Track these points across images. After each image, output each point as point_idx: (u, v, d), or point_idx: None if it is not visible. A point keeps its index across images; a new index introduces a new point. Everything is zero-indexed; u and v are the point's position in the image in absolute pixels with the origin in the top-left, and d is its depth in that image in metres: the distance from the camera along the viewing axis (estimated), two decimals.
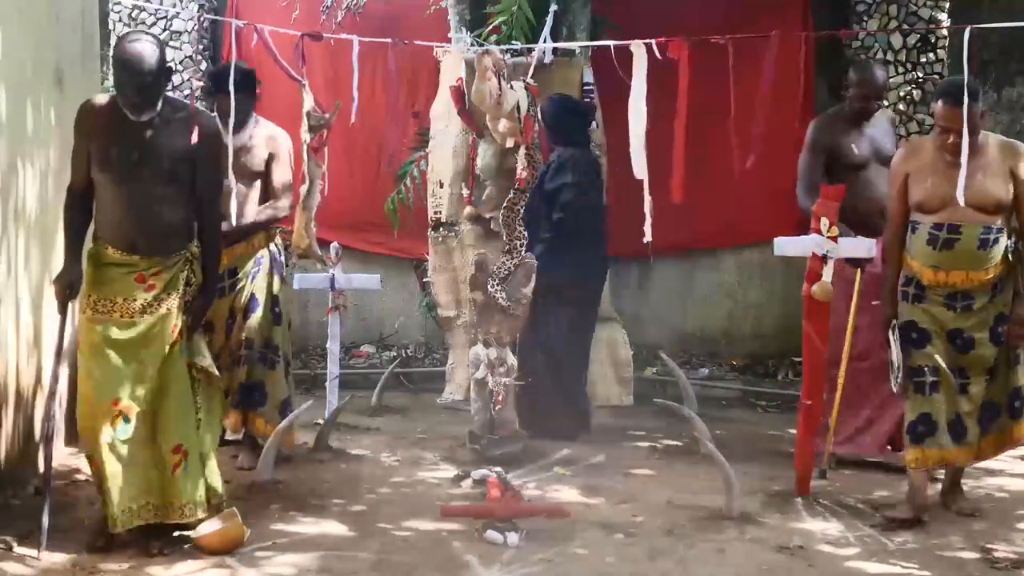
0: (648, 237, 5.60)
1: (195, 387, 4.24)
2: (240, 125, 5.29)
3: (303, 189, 5.76)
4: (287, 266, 5.83)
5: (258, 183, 5.40)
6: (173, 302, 4.16)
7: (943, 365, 4.62)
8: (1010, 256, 4.57)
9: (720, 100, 5.50)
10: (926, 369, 4.63)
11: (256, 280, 5.37)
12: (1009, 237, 4.58)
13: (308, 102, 5.76)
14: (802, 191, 5.52)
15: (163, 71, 4.02)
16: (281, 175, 5.45)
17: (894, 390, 4.77)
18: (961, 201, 4.40)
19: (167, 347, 4.13)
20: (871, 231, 5.14)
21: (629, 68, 5.59)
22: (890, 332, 4.70)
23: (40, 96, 5.07)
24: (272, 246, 5.48)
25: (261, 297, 5.38)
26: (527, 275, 5.72)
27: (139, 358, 4.11)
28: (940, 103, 4.46)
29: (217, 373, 4.39)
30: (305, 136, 5.74)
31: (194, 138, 4.08)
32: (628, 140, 5.58)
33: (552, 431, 6.06)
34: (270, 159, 5.40)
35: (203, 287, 4.28)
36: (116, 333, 4.09)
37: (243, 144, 5.32)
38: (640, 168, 5.56)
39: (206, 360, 4.30)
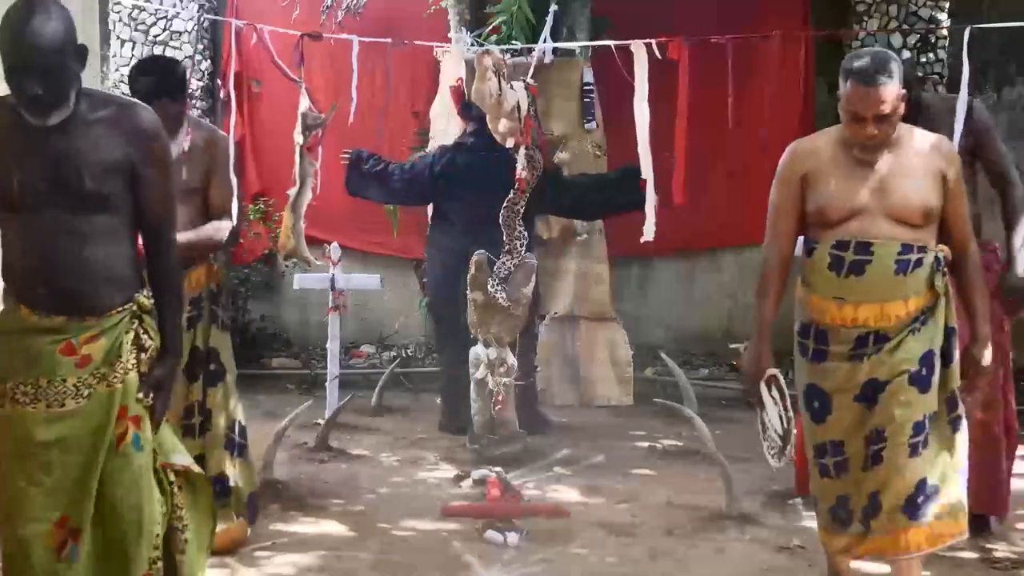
0: (650, 237, 5.60)
1: (170, 498, 3.01)
2: (170, 134, 3.72)
3: (292, 192, 5.76)
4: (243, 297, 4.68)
5: (198, 202, 4.17)
6: (118, 377, 2.91)
7: (852, 439, 3.41)
8: (937, 283, 3.32)
9: (720, 100, 5.50)
10: (828, 447, 3.46)
11: (197, 330, 4.21)
12: (936, 260, 3.35)
13: (304, 103, 5.77)
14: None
15: (72, 50, 2.81)
16: (221, 188, 4.24)
17: (772, 463, 3.66)
18: (877, 209, 3.30)
19: (111, 442, 2.89)
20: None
21: (630, 68, 5.60)
22: (763, 386, 3.50)
23: None
24: (212, 285, 4.26)
25: (203, 349, 4.24)
26: (527, 275, 5.73)
27: (77, 461, 2.88)
28: (850, 83, 3.27)
29: (200, 470, 3.21)
30: (299, 137, 5.75)
31: (133, 143, 2.89)
32: (628, 140, 5.59)
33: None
34: (209, 170, 4.20)
35: (163, 353, 3.02)
36: (43, 431, 2.85)
37: (175, 157, 3.82)
38: (646, 168, 5.58)
39: (183, 458, 3.10)
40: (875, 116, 3.23)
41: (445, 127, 7.14)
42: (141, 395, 2.94)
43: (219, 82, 8.17)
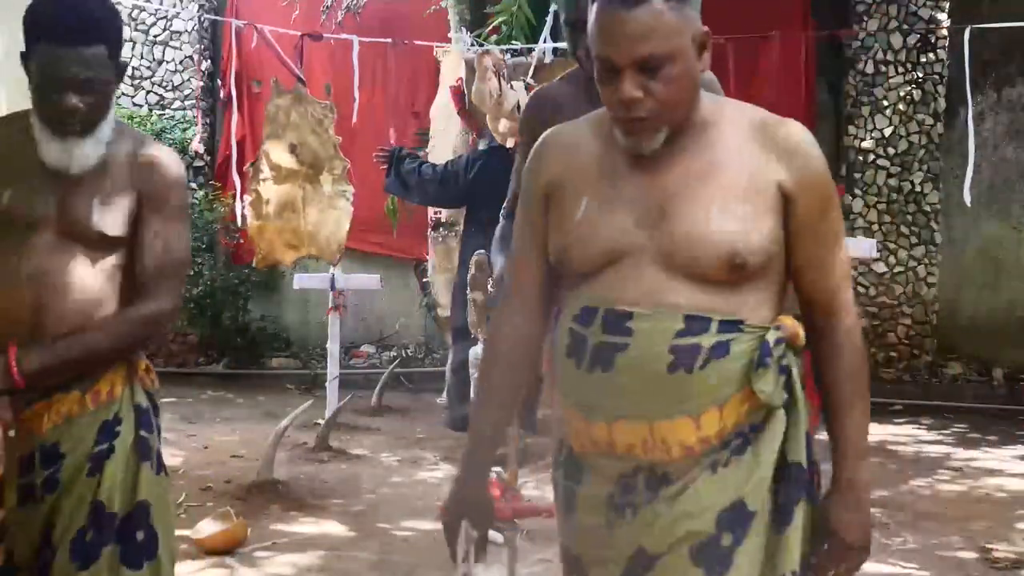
0: None
1: None
2: (84, 127, 2.28)
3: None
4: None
5: (112, 261, 2.33)
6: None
7: None
8: (760, 386, 1.81)
9: None
10: None
11: (106, 473, 2.31)
12: (763, 347, 1.82)
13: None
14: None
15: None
16: (160, 243, 2.35)
17: None
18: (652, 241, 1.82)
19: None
20: None
21: None
22: (461, 541, 2.04)
23: None
24: (139, 398, 2.39)
25: (117, 508, 2.32)
26: None
27: None
28: (596, 7, 1.79)
29: None
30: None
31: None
32: None
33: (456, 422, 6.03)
34: (139, 211, 2.34)
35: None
36: None
37: (82, 181, 2.31)
38: None
39: None
40: (635, 63, 1.73)
41: (445, 127, 7.13)
42: None
43: (219, 82, 8.18)
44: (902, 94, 7.75)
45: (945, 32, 7.55)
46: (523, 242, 2.00)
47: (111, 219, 2.30)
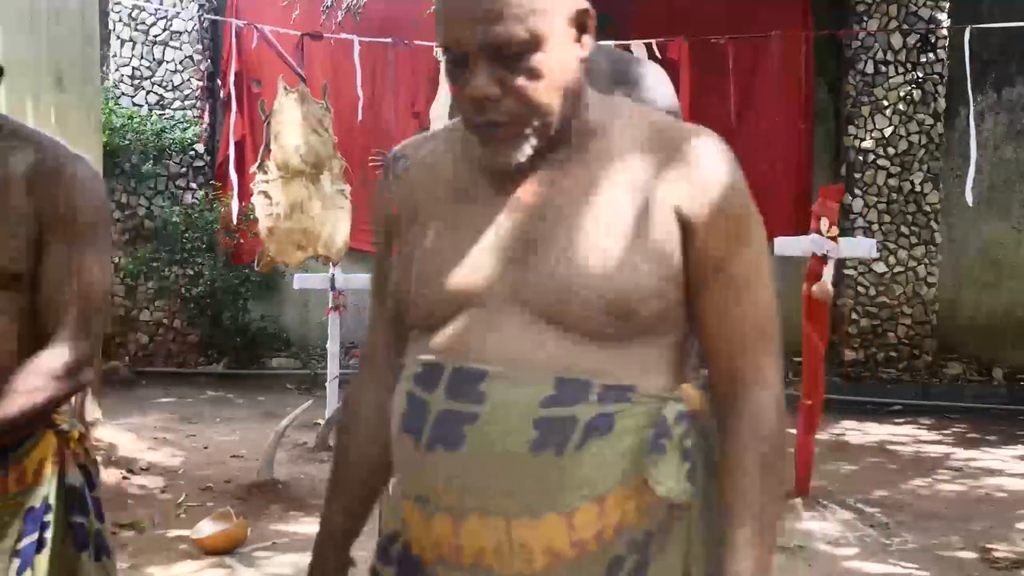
0: None
1: None
2: None
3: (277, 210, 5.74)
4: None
5: (11, 302, 1.85)
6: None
7: None
8: (655, 475, 1.34)
9: (720, 100, 5.51)
10: None
11: (37, 570, 1.84)
12: (659, 424, 1.35)
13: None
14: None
15: None
16: (72, 276, 1.87)
17: None
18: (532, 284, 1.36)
19: None
20: None
21: None
22: None
23: (40, 96, 5.07)
24: (73, 471, 1.94)
25: None
26: None
27: None
28: None
29: None
30: None
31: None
32: None
33: None
34: (45, 234, 1.86)
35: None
36: None
37: None
38: None
39: None
40: (487, 49, 1.32)
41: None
42: None
43: (219, 82, 8.18)
44: (902, 94, 7.75)
45: (945, 32, 7.55)
46: (375, 295, 1.60)
47: (3, 252, 1.80)
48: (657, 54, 5.63)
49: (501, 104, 1.32)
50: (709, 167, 1.37)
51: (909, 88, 7.76)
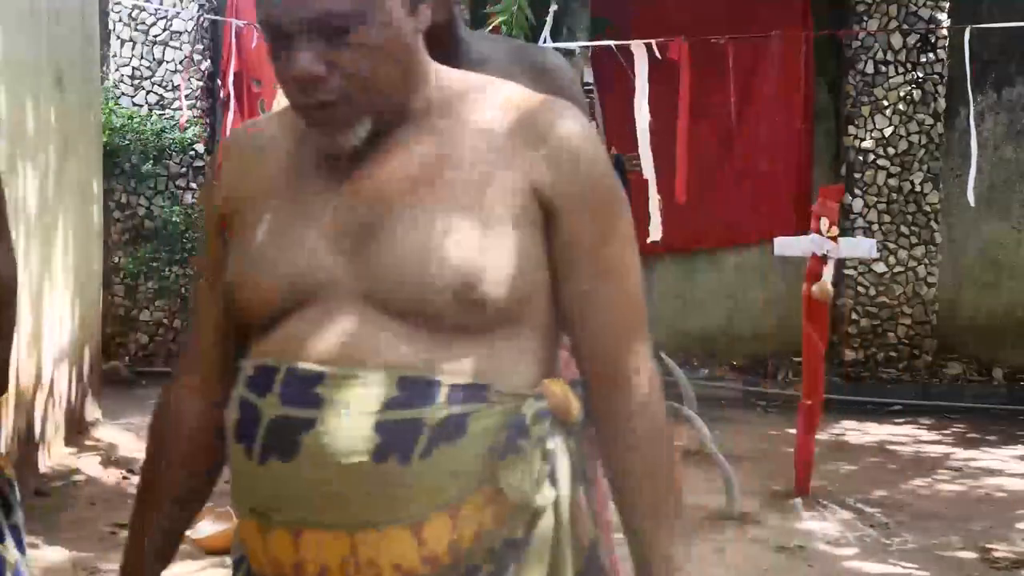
0: (657, 236, 5.61)
1: None
2: None
3: None
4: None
5: None
6: None
7: None
8: (513, 483, 1.23)
9: (720, 100, 5.51)
10: None
11: None
12: (518, 423, 1.24)
13: None
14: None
15: None
16: None
17: None
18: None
19: None
20: None
21: (632, 67, 5.61)
22: None
23: (40, 96, 5.07)
24: None
25: None
26: None
27: None
28: None
29: None
30: None
31: None
32: (628, 140, 5.59)
33: None
34: None
35: None
36: None
37: None
38: (647, 168, 5.59)
39: None
40: (310, 26, 1.21)
41: None
42: None
43: (219, 82, 8.18)
44: (902, 94, 7.75)
45: (945, 32, 7.55)
46: (199, 292, 1.42)
47: None
48: (657, 54, 5.63)
49: (328, 83, 1.21)
50: (571, 144, 1.26)
51: (909, 88, 7.76)
